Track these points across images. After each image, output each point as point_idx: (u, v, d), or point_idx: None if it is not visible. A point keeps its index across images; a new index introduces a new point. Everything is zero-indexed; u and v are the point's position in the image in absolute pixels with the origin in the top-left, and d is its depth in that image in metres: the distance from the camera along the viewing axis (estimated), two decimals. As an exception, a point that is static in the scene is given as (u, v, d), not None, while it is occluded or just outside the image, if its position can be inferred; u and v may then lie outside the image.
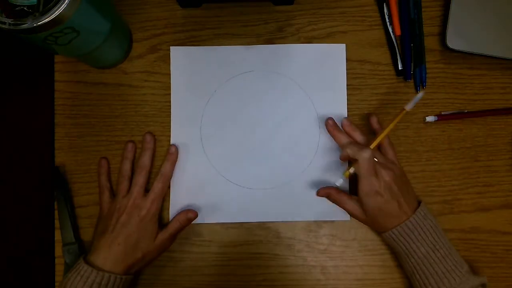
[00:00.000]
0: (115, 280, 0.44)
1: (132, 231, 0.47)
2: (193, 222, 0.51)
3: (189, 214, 0.51)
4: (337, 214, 0.52)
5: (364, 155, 0.45)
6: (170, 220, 0.52)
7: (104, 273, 0.44)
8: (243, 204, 0.53)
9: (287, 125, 0.53)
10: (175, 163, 0.52)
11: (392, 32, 0.54)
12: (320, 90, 0.54)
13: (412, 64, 0.54)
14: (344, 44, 0.54)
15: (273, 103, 0.54)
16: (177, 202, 0.52)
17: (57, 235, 0.52)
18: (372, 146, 0.47)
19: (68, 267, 0.50)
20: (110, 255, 0.45)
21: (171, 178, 0.51)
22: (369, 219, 0.48)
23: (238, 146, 0.53)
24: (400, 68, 0.53)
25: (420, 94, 0.47)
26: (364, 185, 0.46)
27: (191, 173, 0.53)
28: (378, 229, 0.49)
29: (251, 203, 0.53)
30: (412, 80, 0.54)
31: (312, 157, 0.53)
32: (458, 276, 0.45)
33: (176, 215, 0.51)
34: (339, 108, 0.53)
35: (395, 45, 0.54)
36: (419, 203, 0.49)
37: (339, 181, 0.49)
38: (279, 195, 0.53)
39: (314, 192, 0.52)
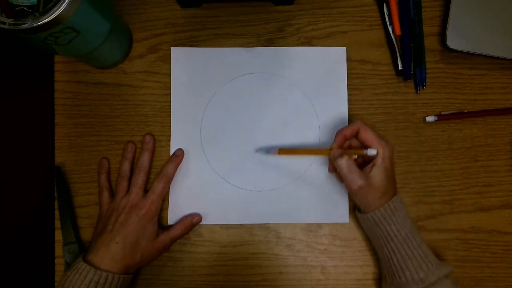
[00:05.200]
0: (113, 279, 0.44)
1: (131, 230, 0.47)
2: (193, 222, 0.51)
3: (195, 219, 0.51)
4: (337, 216, 0.52)
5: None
6: (168, 221, 0.52)
7: (102, 272, 0.44)
8: (243, 206, 0.53)
9: (288, 127, 0.53)
10: (178, 166, 0.52)
11: (392, 32, 0.54)
12: (321, 93, 0.54)
13: (412, 64, 0.54)
14: (345, 48, 0.54)
15: (274, 105, 0.54)
16: (176, 203, 0.52)
17: (57, 235, 0.52)
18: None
19: (68, 266, 0.50)
20: (108, 254, 0.45)
21: (172, 179, 0.51)
22: (366, 191, 0.46)
23: (238, 148, 0.53)
24: (400, 68, 0.53)
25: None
26: (385, 151, 0.46)
27: (190, 174, 0.53)
28: (367, 206, 0.47)
29: (250, 205, 0.53)
30: (412, 80, 0.54)
31: (312, 159, 0.53)
32: (433, 262, 0.45)
33: (181, 219, 0.51)
34: (339, 111, 0.53)
35: (395, 45, 0.53)
36: None
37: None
38: (279, 197, 0.53)
39: (314, 195, 0.52)
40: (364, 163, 0.48)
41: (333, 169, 0.50)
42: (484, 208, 0.53)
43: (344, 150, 0.47)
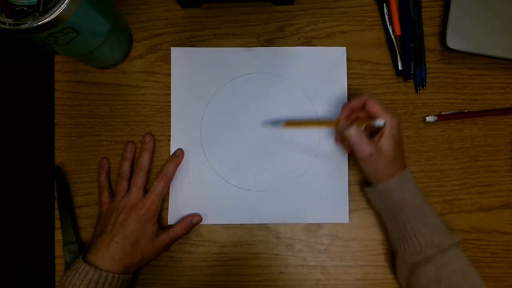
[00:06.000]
0: (113, 279, 0.44)
1: (131, 230, 0.47)
2: (193, 222, 0.51)
3: (195, 219, 0.51)
4: (337, 216, 0.52)
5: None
6: (168, 221, 0.52)
7: (101, 272, 0.44)
8: (243, 206, 0.53)
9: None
10: (178, 165, 0.52)
11: (392, 32, 0.54)
12: (321, 93, 0.54)
13: (412, 64, 0.54)
14: (345, 48, 0.54)
15: (274, 105, 0.54)
16: (176, 203, 0.52)
17: (57, 235, 0.52)
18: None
19: (68, 266, 0.50)
20: (108, 254, 0.45)
21: (172, 179, 0.51)
22: (376, 158, 0.46)
23: (238, 148, 0.53)
24: (400, 68, 0.53)
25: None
26: (393, 120, 0.46)
27: (190, 174, 0.53)
28: (376, 175, 0.47)
29: (250, 205, 0.53)
30: (412, 80, 0.54)
31: (312, 159, 0.53)
32: (446, 229, 0.46)
33: (181, 219, 0.51)
34: (339, 111, 0.53)
35: (395, 45, 0.53)
36: None
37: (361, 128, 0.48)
38: (279, 198, 0.53)
39: (314, 195, 0.52)
40: (371, 135, 0.48)
41: (340, 139, 0.51)
42: (484, 208, 0.53)
43: (352, 121, 0.48)
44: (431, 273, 0.44)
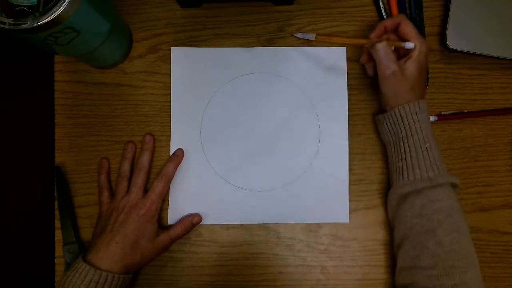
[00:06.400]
0: (113, 279, 0.44)
1: (131, 230, 0.47)
2: (193, 222, 0.51)
3: (195, 219, 0.51)
4: (337, 216, 0.52)
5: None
6: (168, 221, 0.52)
7: (101, 272, 0.44)
8: (243, 206, 0.53)
9: (288, 127, 0.53)
10: (179, 165, 0.52)
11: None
12: (321, 93, 0.54)
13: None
14: (345, 48, 0.54)
15: (274, 105, 0.54)
16: (176, 203, 0.52)
17: (57, 235, 0.52)
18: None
19: (68, 266, 0.50)
20: (108, 254, 0.45)
21: (172, 179, 0.51)
22: (398, 79, 0.46)
23: (238, 148, 0.53)
24: None
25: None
26: (423, 46, 0.46)
27: (190, 174, 0.53)
28: (393, 97, 0.47)
29: (250, 205, 0.53)
30: (412, 80, 0.54)
31: (312, 159, 0.53)
32: (444, 168, 0.46)
33: (181, 219, 0.51)
34: (339, 111, 0.53)
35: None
36: None
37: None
38: (279, 198, 0.53)
39: (314, 195, 0.52)
40: (399, 58, 0.48)
41: (367, 59, 0.51)
42: (484, 208, 0.53)
43: (382, 39, 0.48)
44: (417, 207, 0.45)
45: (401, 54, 0.48)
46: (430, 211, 0.44)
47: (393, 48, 0.47)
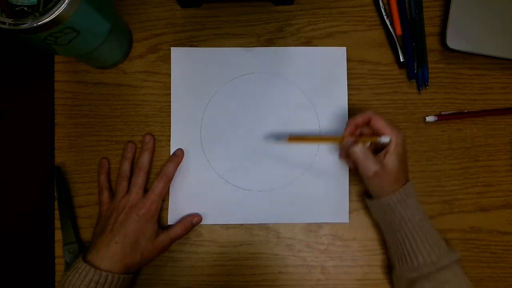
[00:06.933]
0: (113, 279, 0.44)
1: (131, 230, 0.47)
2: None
3: (195, 219, 0.51)
4: (337, 216, 0.52)
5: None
6: (168, 221, 0.52)
7: (101, 272, 0.44)
8: (243, 206, 0.53)
9: (287, 127, 0.53)
10: (179, 165, 0.52)
11: (393, 31, 0.54)
12: (321, 93, 0.54)
13: (415, 63, 0.54)
14: (345, 48, 0.54)
15: (274, 105, 0.54)
16: (176, 203, 0.52)
17: (57, 235, 0.52)
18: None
19: (68, 266, 0.50)
20: (108, 254, 0.45)
21: (172, 179, 0.51)
22: (381, 177, 0.46)
23: (238, 148, 0.53)
24: (402, 60, 0.53)
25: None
26: (398, 137, 0.46)
27: (190, 174, 0.53)
28: (380, 193, 0.47)
29: (250, 205, 0.53)
30: (415, 80, 0.54)
31: (312, 159, 0.53)
32: (445, 247, 0.46)
33: (181, 219, 0.51)
34: (339, 111, 0.53)
35: (395, 39, 0.53)
36: None
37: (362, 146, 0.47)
38: (279, 197, 0.53)
39: (314, 195, 0.52)
40: (375, 150, 0.48)
41: (344, 156, 0.51)
42: (484, 208, 0.53)
43: (357, 137, 0.47)
44: None
45: (378, 146, 0.48)
46: None
47: (369, 143, 0.47)
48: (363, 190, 0.53)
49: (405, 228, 0.46)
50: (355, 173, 0.53)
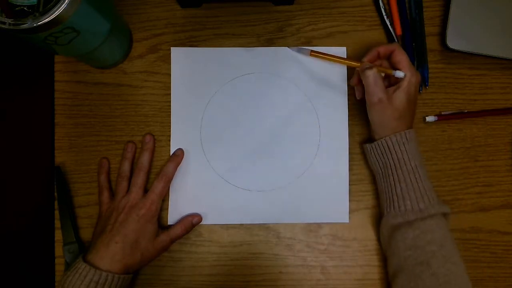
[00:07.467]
0: (113, 279, 0.44)
1: (131, 230, 0.47)
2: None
3: (195, 219, 0.51)
4: (337, 216, 0.52)
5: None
6: (168, 221, 0.52)
7: (101, 272, 0.44)
8: (243, 206, 0.53)
9: (287, 127, 0.53)
10: (178, 165, 0.52)
11: (393, 31, 0.54)
12: (321, 93, 0.54)
13: (415, 63, 0.54)
14: (345, 48, 0.54)
15: (274, 105, 0.54)
16: (176, 203, 0.52)
17: (57, 235, 0.52)
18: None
19: (68, 266, 0.50)
20: (108, 254, 0.45)
21: (172, 179, 0.51)
22: (385, 107, 0.46)
23: (238, 148, 0.53)
24: None
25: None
26: (413, 76, 0.46)
27: (190, 174, 0.53)
28: (381, 126, 0.47)
29: (250, 205, 0.53)
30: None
31: (312, 159, 0.53)
32: (435, 198, 0.46)
33: (181, 219, 0.51)
34: (339, 111, 0.53)
35: (395, 39, 0.53)
36: None
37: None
38: (279, 197, 0.53)
39: (314, 195, 0.52)
40: (389, 86, 0.48)
41: (357, 82, 0.50)
42: (484, 208, 0.53)
43: (374, 64, 0.47)
44: (409, 238, 0.45)
45: (393, 82, 0.48)
46: (423, 243, 0.44)
47: (383, 75, 0.47)
48: (362, 140, 0.53)
49: (398, 172, 0.46)
50: (355, 173, 0.53)
